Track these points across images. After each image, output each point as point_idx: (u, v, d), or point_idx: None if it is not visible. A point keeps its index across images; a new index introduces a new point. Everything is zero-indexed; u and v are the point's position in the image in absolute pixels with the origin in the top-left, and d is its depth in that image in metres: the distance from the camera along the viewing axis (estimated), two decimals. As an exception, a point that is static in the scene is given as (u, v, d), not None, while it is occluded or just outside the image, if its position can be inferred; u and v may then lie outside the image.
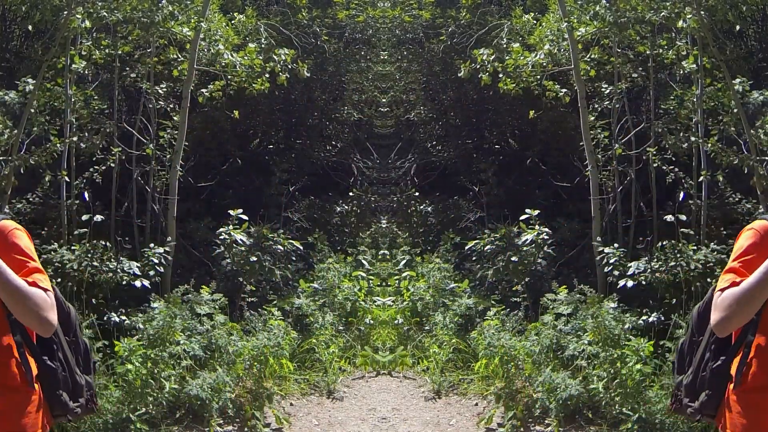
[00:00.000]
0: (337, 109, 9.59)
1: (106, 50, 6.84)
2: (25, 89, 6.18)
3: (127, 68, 7.06)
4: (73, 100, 6.53)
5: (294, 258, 7.54)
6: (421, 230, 9.01)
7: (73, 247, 6.08)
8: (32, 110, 6.15)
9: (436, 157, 9.66)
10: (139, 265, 6.27)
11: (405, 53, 9.63)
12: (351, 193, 9.20)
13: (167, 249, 6.66)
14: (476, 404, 6.10)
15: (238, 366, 5.85)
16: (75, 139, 6.54)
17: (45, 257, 6.04)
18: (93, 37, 6.78)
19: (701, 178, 6.44)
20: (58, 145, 6.39)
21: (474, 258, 7.51)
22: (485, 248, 7.22)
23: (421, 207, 9.11)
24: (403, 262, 8.13)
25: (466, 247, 7.55)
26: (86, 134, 6.68)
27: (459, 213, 8.96)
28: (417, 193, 9.22)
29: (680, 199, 6.67)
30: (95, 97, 6.84)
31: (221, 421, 5.53)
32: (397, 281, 7.83)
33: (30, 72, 6.48)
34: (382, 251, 8.31)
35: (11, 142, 5.96)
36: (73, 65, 6.47)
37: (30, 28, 6.42)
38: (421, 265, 8.07)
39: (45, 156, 6.29)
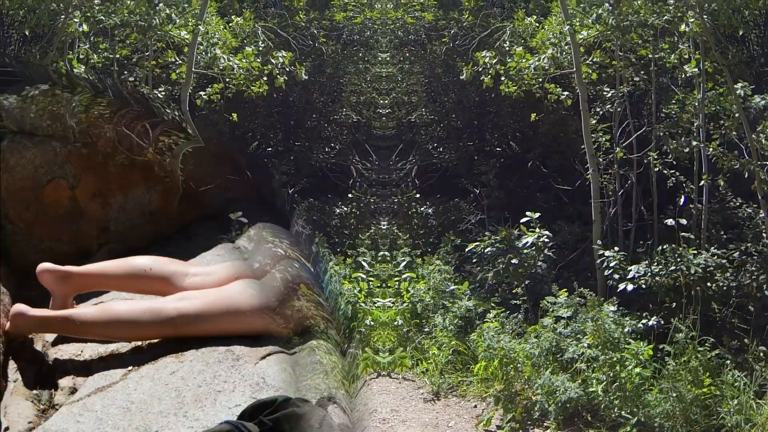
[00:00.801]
0: (335, 111, 9.56)
1: (104, 54, 6.84)
2: (24, 93, 6.19)
3: (125, 72, 7.06)
4: (71, 103, 6.53)
5: (293, 260, 7.52)
6: (421, 232, 8.98)
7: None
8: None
9: (437, 159, 9.62)
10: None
11: (407, 55, 9.60)
12: (350, 195, 9.18)
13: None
14: (475, 406, 6.08)
15: (237, 370, 5.84)
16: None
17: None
18: (91, 41, 6.78)
19: (702, 183, 6.42)
20: (57, 148, 6.39)
21: (474, 260, 7.48)
22: (485, 250, 7.19)
23: (422, 209, 9.08)
24: (403, 263, 8.10)
25: (467, 249, 7.52)
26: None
27: (459, 215, 8.92)
28: (417, 195, 9.20)
29: (681, 203, 6.65)
30: (94, 101, 6.85)
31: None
32: (397, 283, 7.81)
33: (28, 76, 6.49)
34: (381, 253, 8.28)
35: (10, 145, 5.96)
36: (71, 69, 6.47)
37: (27, 32, 6.43)
38: (421, 267, 8.04)
39: (44, 159, 6.29)
